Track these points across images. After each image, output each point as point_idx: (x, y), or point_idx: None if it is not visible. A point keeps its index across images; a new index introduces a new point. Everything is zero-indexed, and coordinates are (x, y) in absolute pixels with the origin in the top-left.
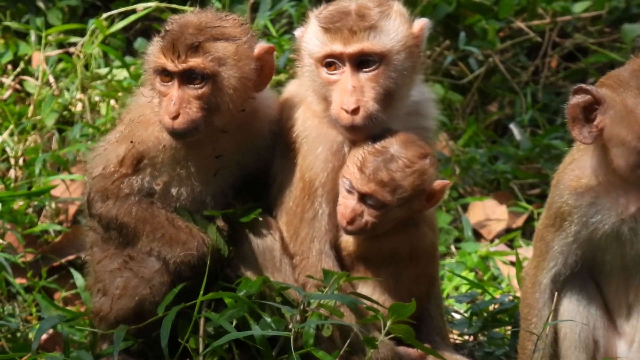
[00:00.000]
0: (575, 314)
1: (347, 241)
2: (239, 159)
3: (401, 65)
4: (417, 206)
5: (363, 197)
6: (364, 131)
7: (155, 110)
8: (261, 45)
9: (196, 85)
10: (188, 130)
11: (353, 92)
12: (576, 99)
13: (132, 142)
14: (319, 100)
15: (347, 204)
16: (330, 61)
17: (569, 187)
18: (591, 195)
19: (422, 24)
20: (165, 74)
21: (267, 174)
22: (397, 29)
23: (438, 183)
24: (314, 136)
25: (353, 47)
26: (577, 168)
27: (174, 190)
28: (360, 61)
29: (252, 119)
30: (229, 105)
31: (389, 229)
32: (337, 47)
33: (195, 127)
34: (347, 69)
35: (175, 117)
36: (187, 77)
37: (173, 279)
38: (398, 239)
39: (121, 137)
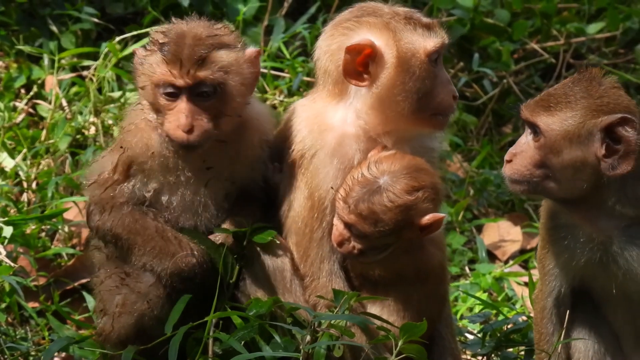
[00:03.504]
0: (586, 343)
1: (353, 262)
2: (230, 170)
3: None
4: (410, 236)
5: (347, 225)
6: None
7: (150, 119)
8: (251, 50)
9: (205, 97)
10: (202, 141)
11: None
12: None
13: (122, 147)
14: (417, 100)
15: (337, 226)
16: (436, 57)
17: (549, 210)
18: (568, 218)
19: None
20: (171, 89)
21: (267, 186)
22: None
23: (430, 217)
24: (326, 152)
25: (446, 39)
26: None
27: (164, 198)
28: None
29: (243, 130)
30: (235, 112)
31: (389, 253)
32: (444, 40)
33: (208, 137)
34: (441, 62)
35: (189, 131)
36: (195, 90)
37: (169, 291)
38: (400, 263)
39: (114, 146)
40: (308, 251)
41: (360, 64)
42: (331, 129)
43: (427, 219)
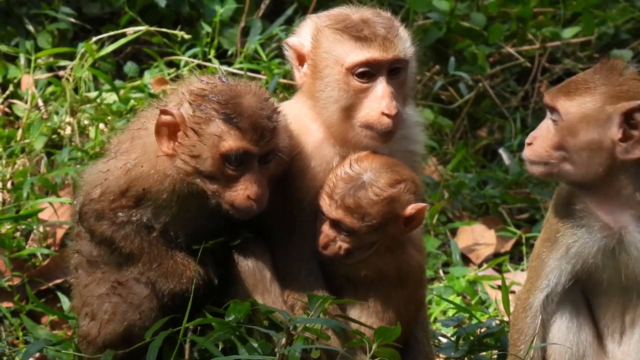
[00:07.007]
0: (564, 341)
1: (336, 264)
2: None
3: (414, 72)
4: (394, 231)
5: (334, 223)
6: (393, 136)
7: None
8: None
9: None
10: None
11: (392, 97)
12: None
13: (134, 183)
14: (339, 110)
15: (322, 228)
16: (364, 70)
17: (564, 197)
18: (585, 205)
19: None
20: (243, 157)
21: None
22: (408, 38)
23: (413, 207)
24: (307, 152)
25: (391, 54)
26: None
27: (172, 231)
28: (392, 68)
29: None
30: None
31: (373, 252)
32: (377, 55)
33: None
34: (383, 76)
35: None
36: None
37: (162, 304)
38: (383, 261)
39: (125, 172)
40: (287, 251)
41: (297, 62)
42: (309, 131)
43: (410, 208)
